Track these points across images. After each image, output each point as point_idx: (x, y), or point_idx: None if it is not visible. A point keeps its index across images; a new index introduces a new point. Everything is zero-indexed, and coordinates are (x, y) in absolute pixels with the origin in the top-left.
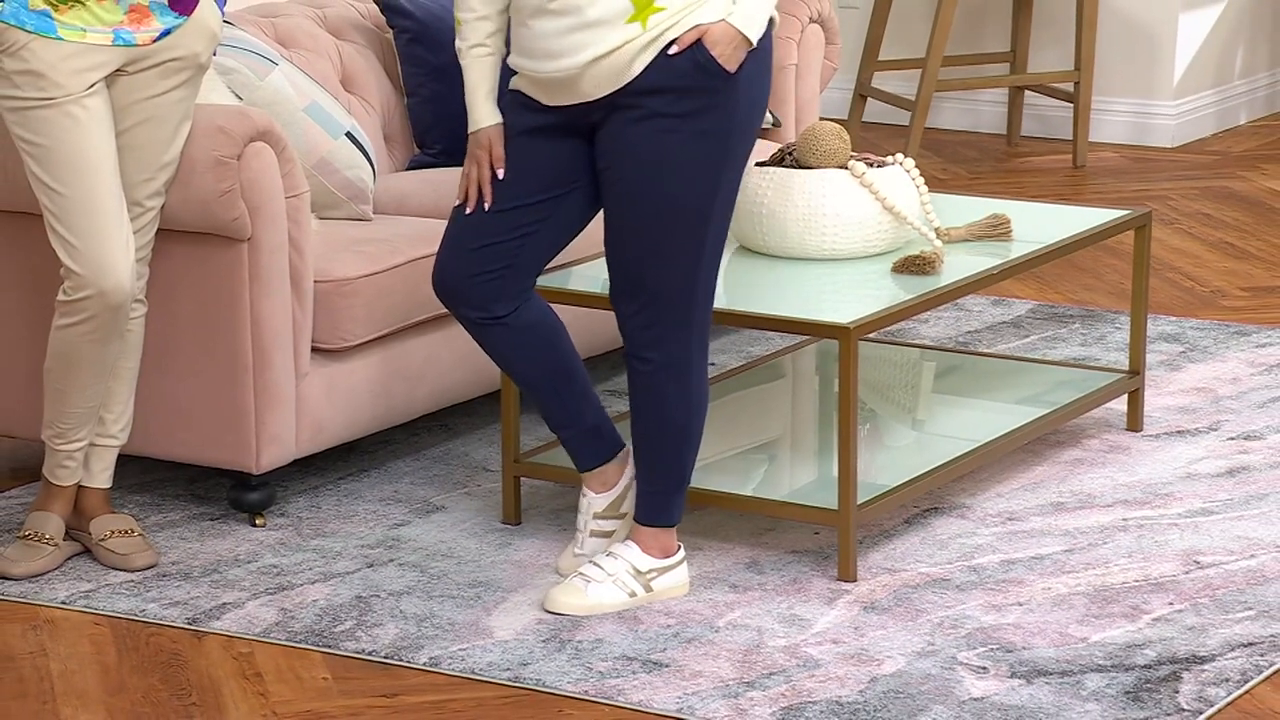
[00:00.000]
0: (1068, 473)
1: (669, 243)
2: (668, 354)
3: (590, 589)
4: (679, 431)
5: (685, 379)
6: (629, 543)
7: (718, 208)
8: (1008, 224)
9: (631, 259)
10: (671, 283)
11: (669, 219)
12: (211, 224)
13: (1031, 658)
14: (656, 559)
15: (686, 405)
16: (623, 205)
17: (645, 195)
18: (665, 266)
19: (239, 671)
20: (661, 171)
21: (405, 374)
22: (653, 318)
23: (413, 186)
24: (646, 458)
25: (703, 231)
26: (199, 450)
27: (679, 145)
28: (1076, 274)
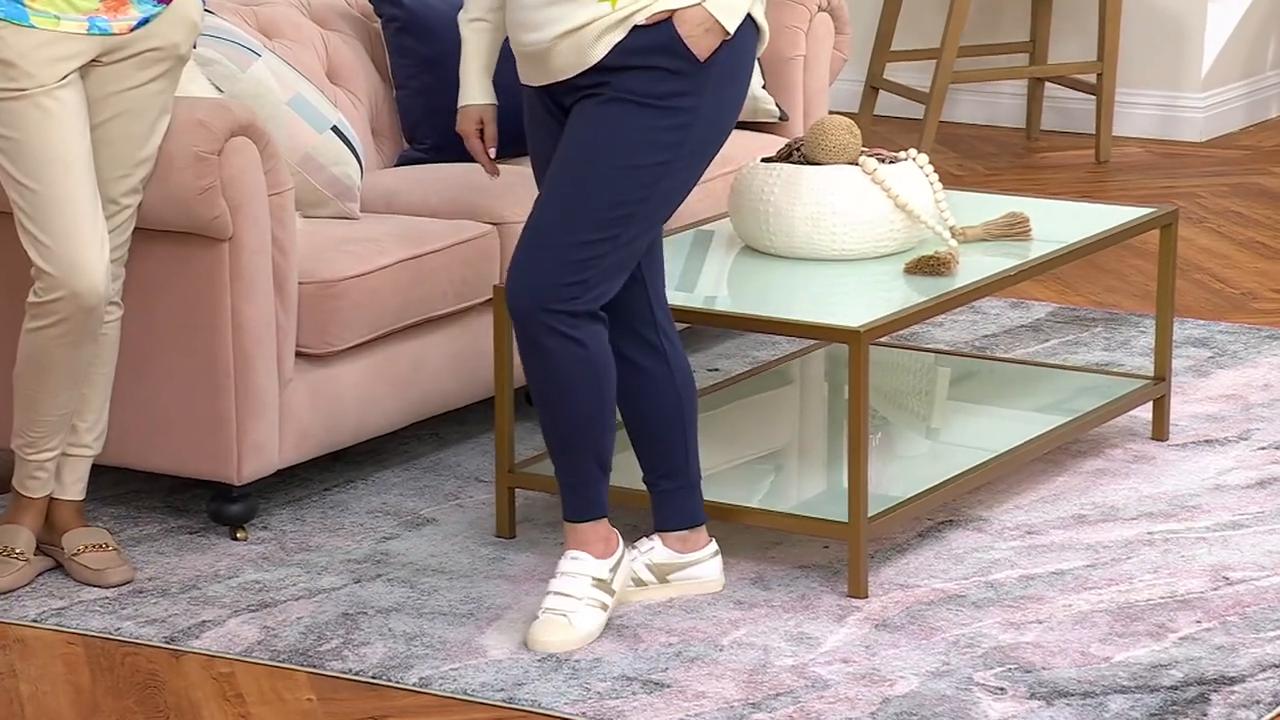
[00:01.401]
0: (1090, 484)
1: (581, 212)
2: (563, 334)
3: (575, 620)
4: (581, 415)
5: (586, 363)
6: (574, 554)
7: (651, 203)
8: (1026, 223)
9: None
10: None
11: (592, 187)
12: (191, 223)
13: (1052, 678)
14: (607, 558)
15: (588, 385)
16: (555, 167)
17: (579, 157)
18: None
19: (219, 693)
20: (611, 141)
21: (394, 380)
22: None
23: (402, 183)
24: (559, 446)
25: (622, 219)
26: (177, 460)
27: (634, 122)
28: (1099, 275)
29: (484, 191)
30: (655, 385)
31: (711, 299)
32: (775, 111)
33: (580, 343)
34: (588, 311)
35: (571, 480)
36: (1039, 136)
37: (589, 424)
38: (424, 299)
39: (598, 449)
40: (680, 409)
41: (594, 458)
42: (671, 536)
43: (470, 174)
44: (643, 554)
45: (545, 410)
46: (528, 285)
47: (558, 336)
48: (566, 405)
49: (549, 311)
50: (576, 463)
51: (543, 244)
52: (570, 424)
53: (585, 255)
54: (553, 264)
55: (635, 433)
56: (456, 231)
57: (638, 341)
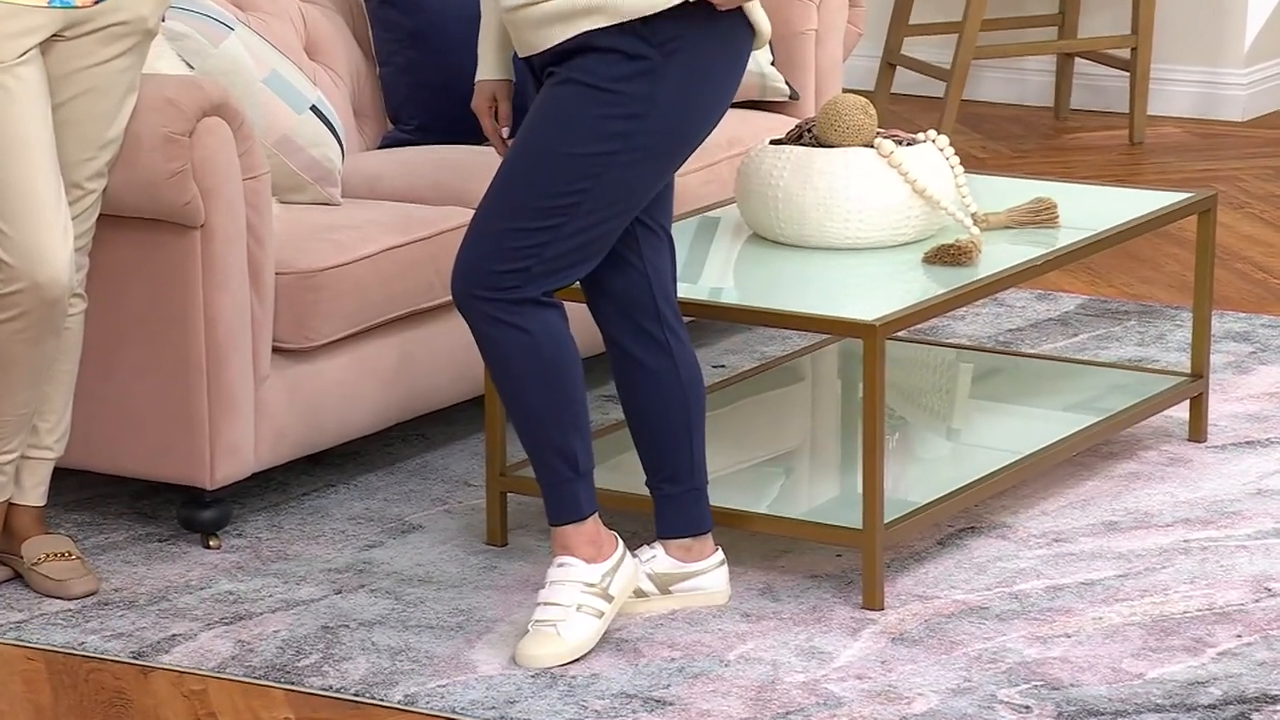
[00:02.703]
0: (1122, 488)
1: (522, 198)
2: (508, 324)
3: (564, 631)
4: (548, 403)
5: (547, 347)
6: (561, 560)
7: (594, 195)
8: (1054, 208)
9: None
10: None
11: (533, 173)
12: (160, 209)
13: (1080, 696)
14: (599, 562)
15: (548, 369)
16: (508, 150)
17: (524, 141)
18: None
19: (190, 712)
20: (555, 126)
21: (378, 377)
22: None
23: (386, 167)
24: (534, 442)
25: (563, 209)
26: (145, 463)
27: (581, 107)
28: (1132, 265)
29: (473, 175)
30: (658, 382)
31: (717, 291)
32: (785, 90)
33: (523, 329)
34: (530, 299)
35: (543, 479)
36: (1068, 116)
37: (546, 418)
38: (410, 290)
39: (561, 445)
40: (685, 408)
41: (558, 455)
42: (674, 545)
43: (459, 156)
44: (644, 563)
45: (505, 405)
46: (465, 271)
47: (498, 324)
48: (520, 397)
49: (486, 300)
50: (542, 460)
51: (483, 230)
52: (527, 418)
53: (525, 244)
54: (491, 250)
55: (637, 433)
56: (444, 218)
57: (638, 334)
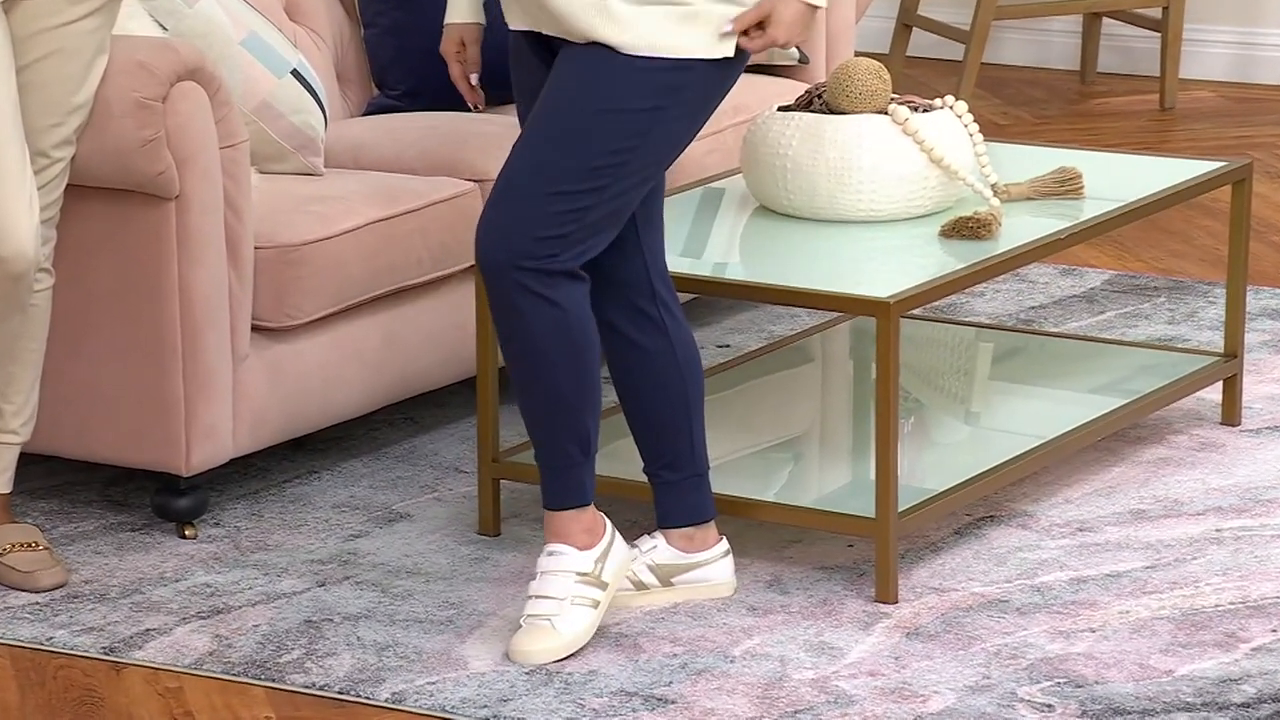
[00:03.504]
0: (1150, 475)
1: (564, 161)
2: (545, 298)
3: (559, 625)
4: (566, 386)
5: (570, 331)
6: (552, 548)
7: (641, 153)
8: (1079, 178)
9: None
10: None
11: (576, 133)
12: (132, 179)
13: (1106, 694)
14: (590, 549)
15: (573, 354)
16: (536, 110)
17: (563, 100)
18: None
19: (165, 710)
20: (599, 82)
21: (363, 357)
22: (530, 245)
23: (371, 135)
24: (543, 423)
25: (609, 169)
26: (117, 448)
27: (626, 61)
28: (1162, 238)
29: (464, 144)
30: (654, 364)
31: (722, 266)
32: (794, 54)
33: (556, 304)
34: (565, 270)
35: (550, 463)
36: (1095, 80)
37: (567, 398)
38: (397, 266)
39: (578, 428)
40: (683, 391)
41: (573, 438)
42: (676, 534)
43: (448, 124)
44: (644, 554)
45: (520, 383)
46: (501, 239)
47: (532, 297)
48: (543, 376)
49: (523, 269)
50: (554, 443)
51: (519, 195)
52: (547, 398)
53: (566, 208)
54: (530, 216)
55: (634, 418)
56: (433, 189)
57: (633, 314)
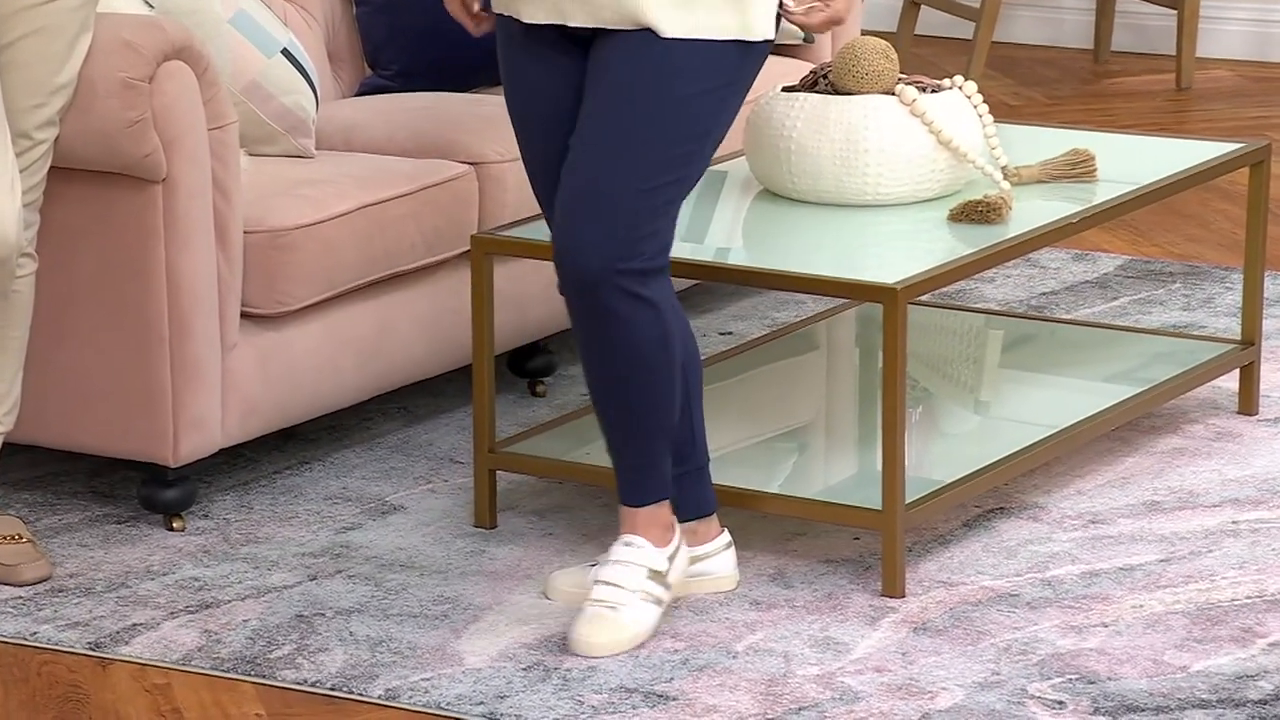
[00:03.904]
0: (1165, 466)
1: (647, 153)
2: (641, 298)
3: (625, 616)
4: (663, 386)
5: (663, 326)
6: (629, 539)
7: (713, 136)
8: (1093, 160)
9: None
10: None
11: (654, 123)
12: (117, 161)
13: (1119, 690)
14: (665, 547)
15: (666, 351)
16: (596, 107)
17: (629, 92)
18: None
19: (153, 707)
20: (668, 68)
21: (355, 345)
22: (623, 255)
23: (363, 116)
24: (628, 423)
25: (687, 157)
26: (102, 438)
27: (691, 44)
28: (1178, 222)
29: (459, 125)
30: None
31: (724, 251)
32: (799, 32)
33: (654, 304)
34: (660, 267)
35: (636, 461)
36: (1109, 59)
37: (665, 395)
38: (390, 251)
39: (669, 424)
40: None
41: (666, 434)
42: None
43: (443, 105)
44: None
45: (615, 387)
46: (596, 248)
47: (632, 301)
48: (642, 377)
49: (624, 274)
50: (646, 441)
51: (606, 198)
52: (648, 398)
53: (655, 202)
54: (623, 219)
55: None
56: (428, 172)
57: None
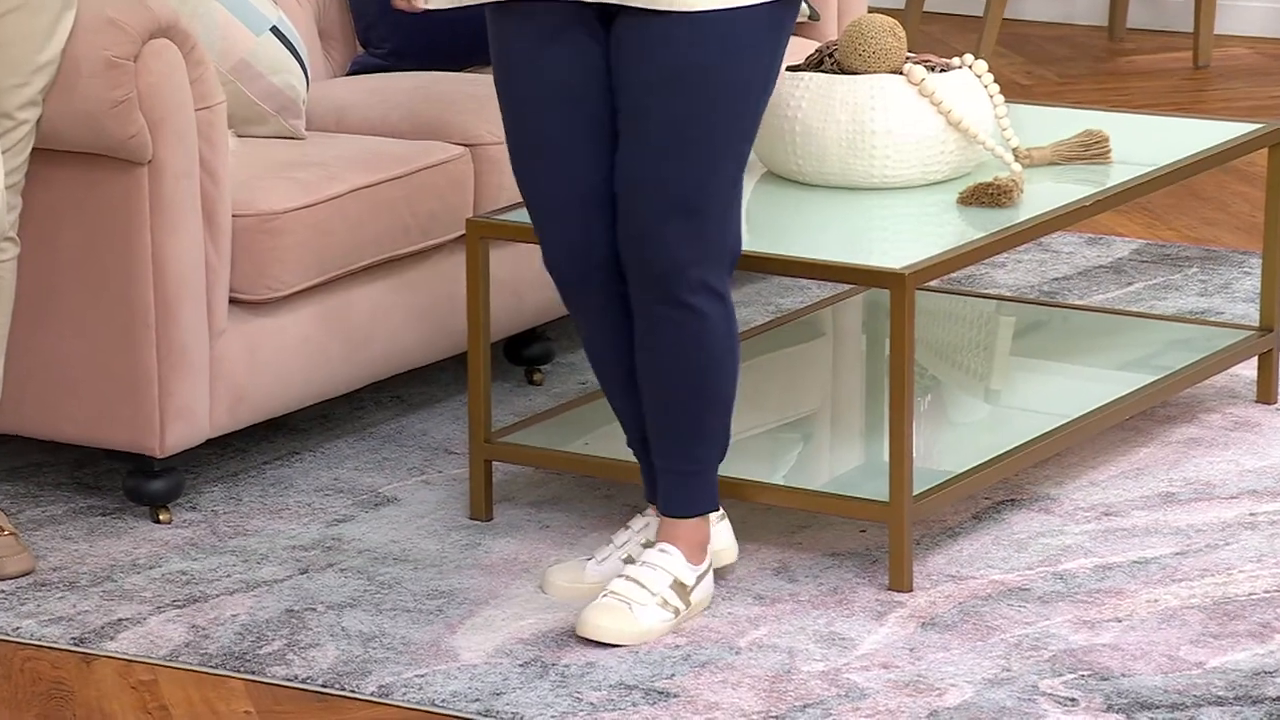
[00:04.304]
0: (1180, 456)
1: (714, 139)
2: (714, 295)
3: (638, 612)
4: (728, 388)
5: (731, 322)
6: (666, 547)
7: (761, 113)
8: (1107, 142)
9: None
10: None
11: (716, 108)
12: (102, 142)
13: (1133, 687)
14: (698, 565)
15: (734, 355)
16: (645, 97)
17: (683, 78)
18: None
19: (139, 704)
20: (723, 48)
21: (347, 333)
22: (702, 250)
23: (355, 96)
24: (686, 431)
25: (747, 135)
26: (87, 428)
27: (741, 20)
28: (1195, 204)
29: (453, 105)
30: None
31: None
32: (805, 10)
33: (725, 299)
34: (735, 259)
35: (690, 468)
36: (1124, 36)
37: (728, 396)
38: (383, 235)
39: (728, 428)
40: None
41: (725, 439)
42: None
43: (437, 84)
44: (637, 533)
45: (679, 389)
46: (689, 249)
47: (714, 298)
48: (712, 377)
49: (710, 269)
50: (705, 448)
51: (689, 194)
52: (713, 398)
53: (733, 191)
54: (710, 213)
55: (625, 392)
56: (422, 154)
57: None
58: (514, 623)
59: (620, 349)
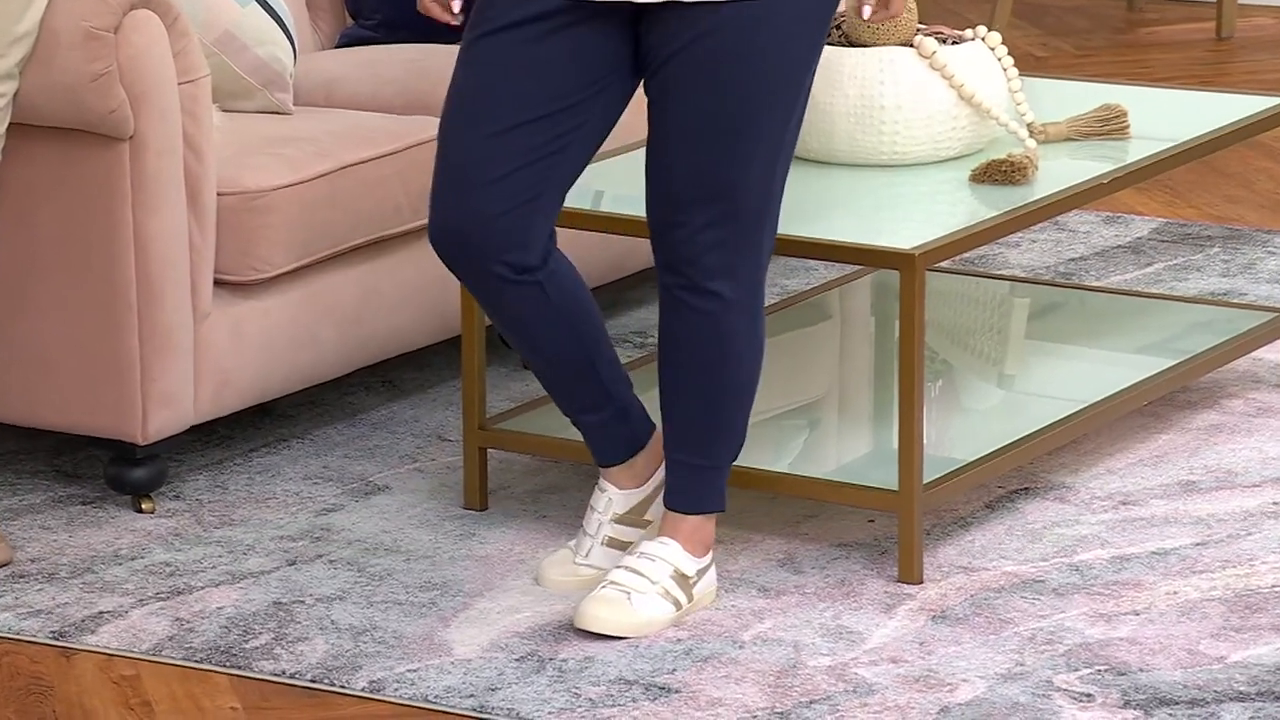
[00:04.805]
0: (1201, 443)
1: (768, 138)
2: (739, 285)
3: (637, 602)
4: (747, 385)
5: (756, 316)
6: (665, 540)
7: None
8: (1125, 116)
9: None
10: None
11: (764, 106)
12: (81, 117)
13: (1151, 683)
14: (699, 558)
15: (756, 350)
16: (690, 94)
17: (728, 72)
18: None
19: (121, 700)
20: (769, 41)
21: (337, 315)
22: (725, 234)
23: (345, 69)
24: (698, 424)
25: (793, 125)
26: (66, 414)
27: (784, 9)
28: (1217, 181)
29: (445, 79)
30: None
31: None
32: None
33: (753, 294)
34: (769, 259)
35: (700, 462)
36: (1144, 6)
37: (750, 392)
38: (374, 214)
39: (745, 426)
40: (587, 319)
41: (739, 438)
42: (618, 471)
43: (430, 57)
44: (600, 513)
45: (700, 378)
46: (706, 227)
47: (737, 286)
48: (732, 371)
49: (733, 254)
50: (721, 441)
51: (702, 173)
52: (732, 393)
53: (764, 180)
54: (726, 193)
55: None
56: (414, 130)
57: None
58: (509, 616)
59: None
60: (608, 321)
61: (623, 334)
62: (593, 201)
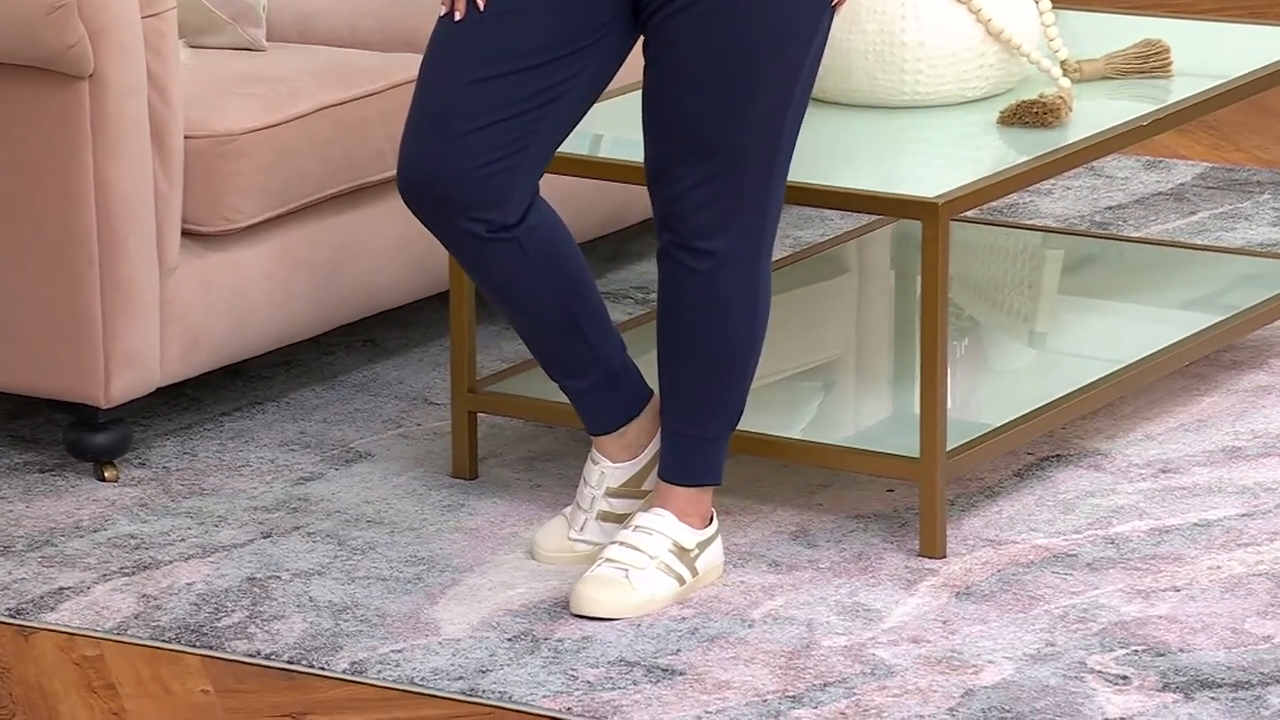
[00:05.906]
0: (1248, 406)
1: (780, 110)
2: (734, 244)
3: (636, 580)
4: (743, 352)
5: (754, 280)
6: (659, 511)
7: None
8: (1167, 53)
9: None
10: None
11: (771, 83)
12: (37, 53)
13: (1192, 664)
14: (698, 529)
15: (754, 316)
16: (700, 70)
17: (735, 45)
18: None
19: (83, 682)
20: (778, 14)
21: (314, 269)
22: (719, 191)
23: (321, 2)
24: (692, 392)
25: (798, 97)
26: (22, 376)
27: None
28: (1267, 123)
29: (429, 13)
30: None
31: None
32: None
33: (756, 256)
34: (774, 218)
35: (695, 432)
36: None
37: (752, 361)
38: (353, 160)
39: (745, 396)
40: (573, 278)
41: (738, 408)
42: (609, 441)
43: None
44: (595, 488)
45: (695, 343)
46: (701, 183)
47: (735, 246)
48: (731, 336)
49: (731, 212)
50: (718, 411)
51: (699, 125)
52: (729, 360)
53: (766, 137)
54: (722, 147)
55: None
56: (396, 68)
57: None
58: (501, 592)
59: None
60: (606, 276)
61: (623, 289)
62: (590, 146)
